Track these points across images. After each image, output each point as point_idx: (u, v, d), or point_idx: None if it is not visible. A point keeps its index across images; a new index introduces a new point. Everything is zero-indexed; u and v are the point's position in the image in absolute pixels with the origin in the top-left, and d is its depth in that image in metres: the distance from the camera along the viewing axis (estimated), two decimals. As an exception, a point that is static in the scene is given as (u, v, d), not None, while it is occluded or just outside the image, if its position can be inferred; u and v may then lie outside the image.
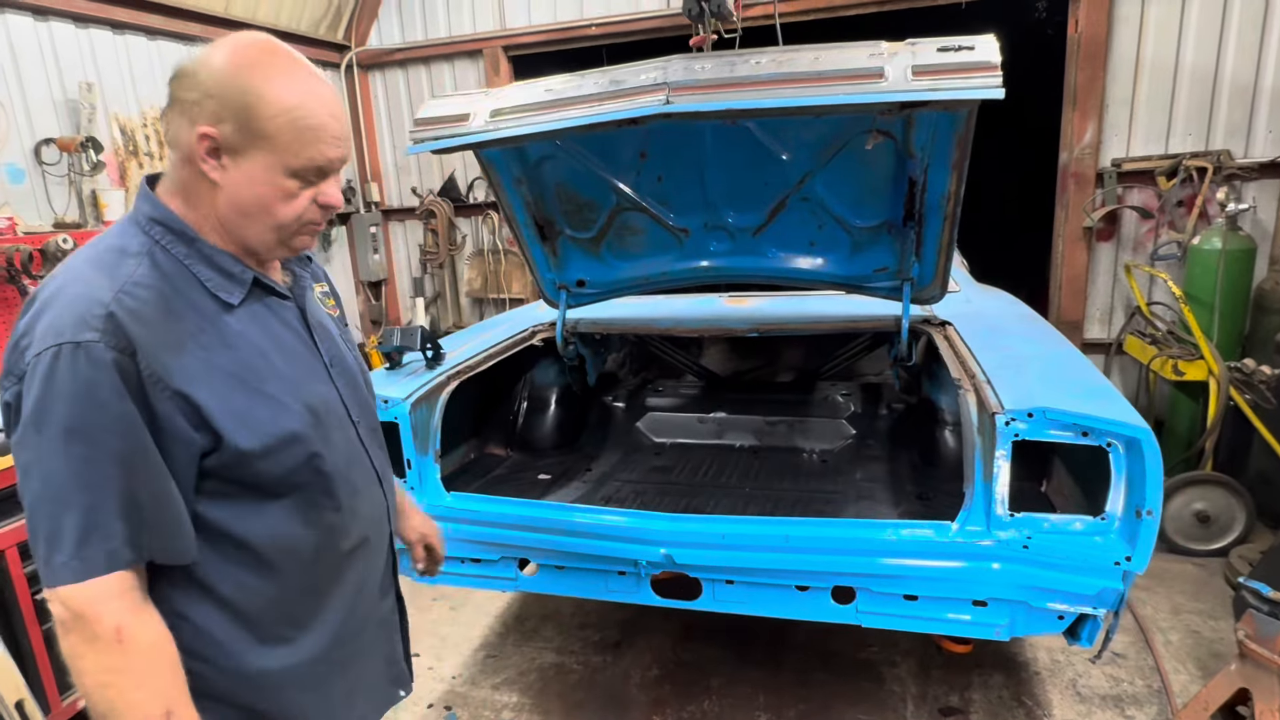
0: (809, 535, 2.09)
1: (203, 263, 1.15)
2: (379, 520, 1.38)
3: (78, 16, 4.31)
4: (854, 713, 2.92)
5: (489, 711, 3.04)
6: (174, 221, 1.14)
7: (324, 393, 1.27)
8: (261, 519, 1.16)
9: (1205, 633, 3.30)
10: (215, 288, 1.15)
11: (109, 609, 1.02)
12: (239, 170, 1.10)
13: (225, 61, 1.09)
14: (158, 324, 1.06)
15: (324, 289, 1.43)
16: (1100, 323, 5.13)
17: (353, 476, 1.29)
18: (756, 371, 4.01)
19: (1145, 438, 1.80)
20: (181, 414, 1.07)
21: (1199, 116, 4.61)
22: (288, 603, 1.22)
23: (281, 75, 1.11)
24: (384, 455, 1.43)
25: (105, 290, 1.05)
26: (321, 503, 1.22)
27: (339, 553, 1.27)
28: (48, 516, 1.02)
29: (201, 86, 1.08)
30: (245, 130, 1.08)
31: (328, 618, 1.27)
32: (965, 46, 1.87)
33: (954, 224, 2.51)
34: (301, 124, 1.10)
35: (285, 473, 1.17)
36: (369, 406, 1.41)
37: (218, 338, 1.13)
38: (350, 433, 1.31)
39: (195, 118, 1.08)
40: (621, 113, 2.03)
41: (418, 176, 6.51)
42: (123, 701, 1.03)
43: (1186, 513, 3.91)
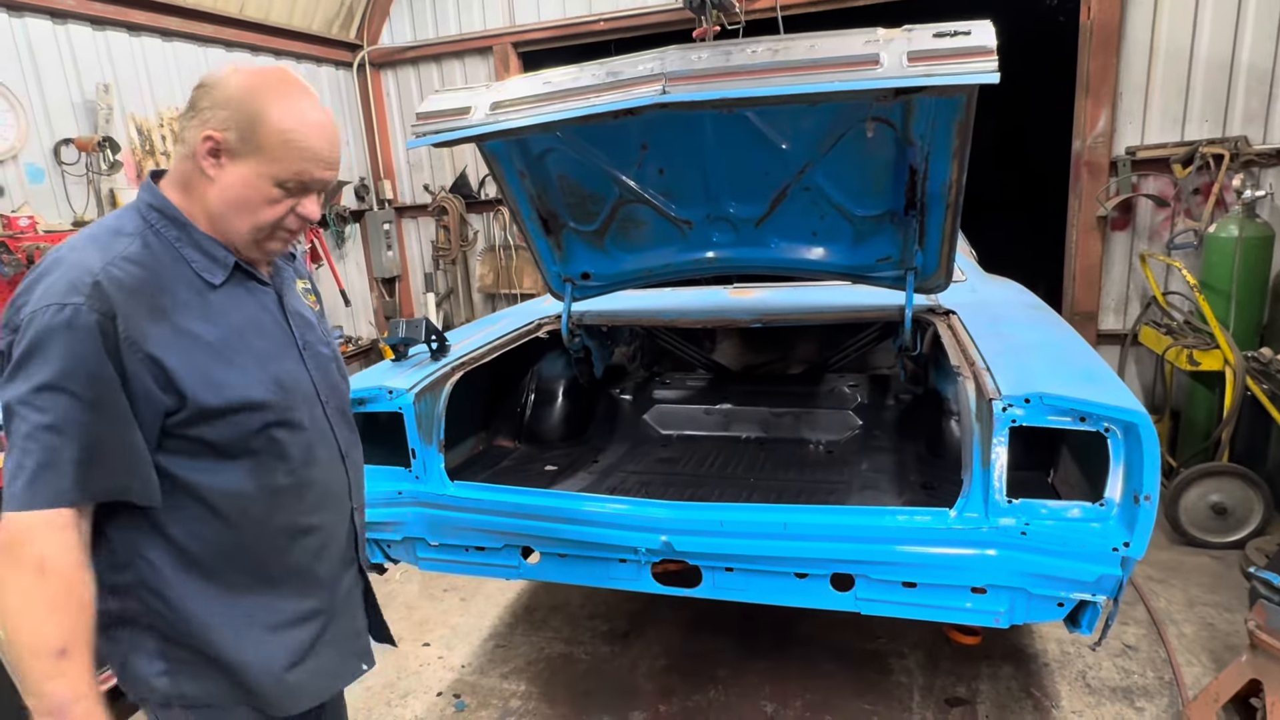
0: (807, 522, 2.09)
1: (191, 246, 1.30)
2: (338, 494, 1.48)
3: (95, 19, 4.40)
4: (859, 703, 2.92)
5: (497, 700, 3.08)
6: (169, 208, 1.30)
7: (293, 370, 1.39)
8: (218, 476, 1.28)
9: (1220, 625, 3.26)
10: (200, 268, 1.30)
11: (39, 539, 1.14)
12: (233, 171, 1.27)
13: (243, 82, 1.26)
14: (140, 294, 1.20)
15: (306, 286, 1.58)
16: (1115, 313, 5.07)
17: (315, 450, 1.41)
18: (764, 363, 4.01)
19: (1142, 422, 1.78)
20: (150, 374, 1.20)
21: (1215, 103, 4.53)
22: (240, 555, 1.33)
23: (287, 102, 1.27)
24: (351, 436, 1.54)
25: (96, 262, 1.19)
26: (275, 467, 1.34)
27: (294, 517, 1.38)
28: (18, 450, 1.15)
29: (217, 98, 1.25)
30: (245, 140, 1.25)
31: (280, 575, 1.38)
32: (961, 32, 1.86)
33: (957, 213, 2.50)
34: (293, 144, 1.27)
35: (244, 436, 1.29)
36: (339, 390, 1.52)
37: (197, 312, 1.27)
38: (317, 410, 1.43)
39: (206, 122, 1.25)
40: (618, 103, 2.04)
41: (430, 174, 6.57)
42: (25, 627, 1.13)
43: (1203, 504, 3.86)
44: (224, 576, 1.32)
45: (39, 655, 1.13)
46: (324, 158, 1.31)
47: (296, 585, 1.40)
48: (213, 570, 1.31)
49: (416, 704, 3.10)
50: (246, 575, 1.34)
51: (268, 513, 1.34)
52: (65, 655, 1.13)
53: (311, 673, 1.43)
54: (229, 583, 1.33)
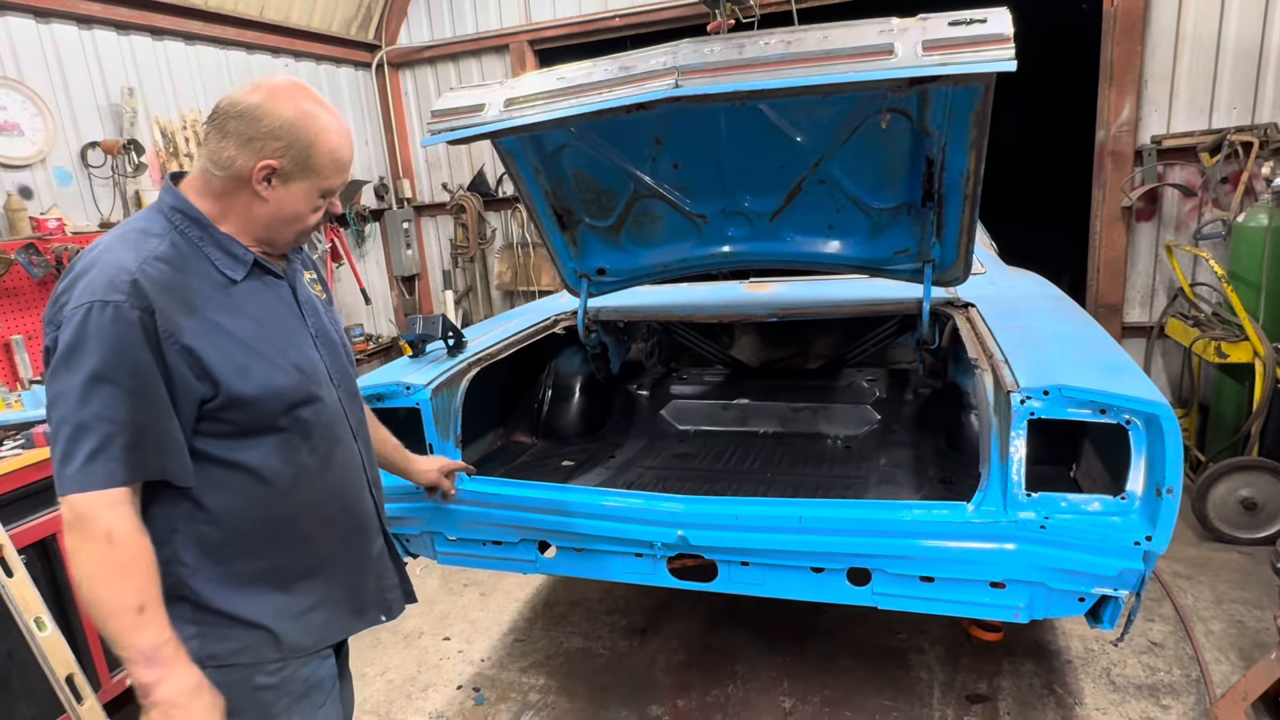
0: (822, 516, 2.08)
1: (213, 245, 1.41)
2: (355, 468, 1.61)
3: (120, 24, 4.48)
4: (879, 699, 2.90)
5: (516, 694, 3.10)
6: (191, 210, 1.40)
7: (310, 355, 1.51)
8: (249, 454, 1.40)
9: (1249, 623, 3.20)
10: (222, 266, 1.41)
11: (103, 515, 1.26)
12: (286, 191, 1.41)
13: (290, 111, 1.37)
14: (173, 291, 1.31)
15: (313, 276, 1.69)
16: (1141, 305, 4.99)
17: (334, 428, 1.53)
18: (781, 358, 3.99)
19: (1164, 414, 1.75)
20: (186, 364, 1.31)
21: (1244, 90, 4.44)
22: (269, 523, 1.44)
23: (330, 124, 1.42)
24: (360, 416, 1.67)
25: (132, 261, 1.30)
26: (300, 445, 1.46)
27: (317, 489, 1.50)
28: (66, 438, 1.25)
29: (268, 128, 1.35)
30: (299, 164, 1.39)
31: (303, 541, 1.49)
32: (977, 20, 1.83)
33: (975, 204, 2.47)
34: (339, 161, 1.44)
35: (271, 417, 1.41)
36: (348, 373, 1.64)
37: (222, 305, 1.38)
38: (331, 392, 1.55)
39: (259, 151, 1.36)
40: (631, 98, 2.04)
41: (448, 172, 6.61)
42: (106, 591, 1.26)
43: (1232, 500, 3.79)
44: (253, 545, 1.43)
45: (122, 614, 1.26)
46: (350, 163, 1.49)
47: (319, 550, 1.52)
48: (243, 539, 1.42)
49: (437, 697, 3.13)
50: (273, 544, 1.45)
51: (293, 485, 1.45)
52: (143, 611, 1.27)
53: (326, 619, 1.54)
54: (257, 551, 1.44)
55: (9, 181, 3.94)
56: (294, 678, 1.49)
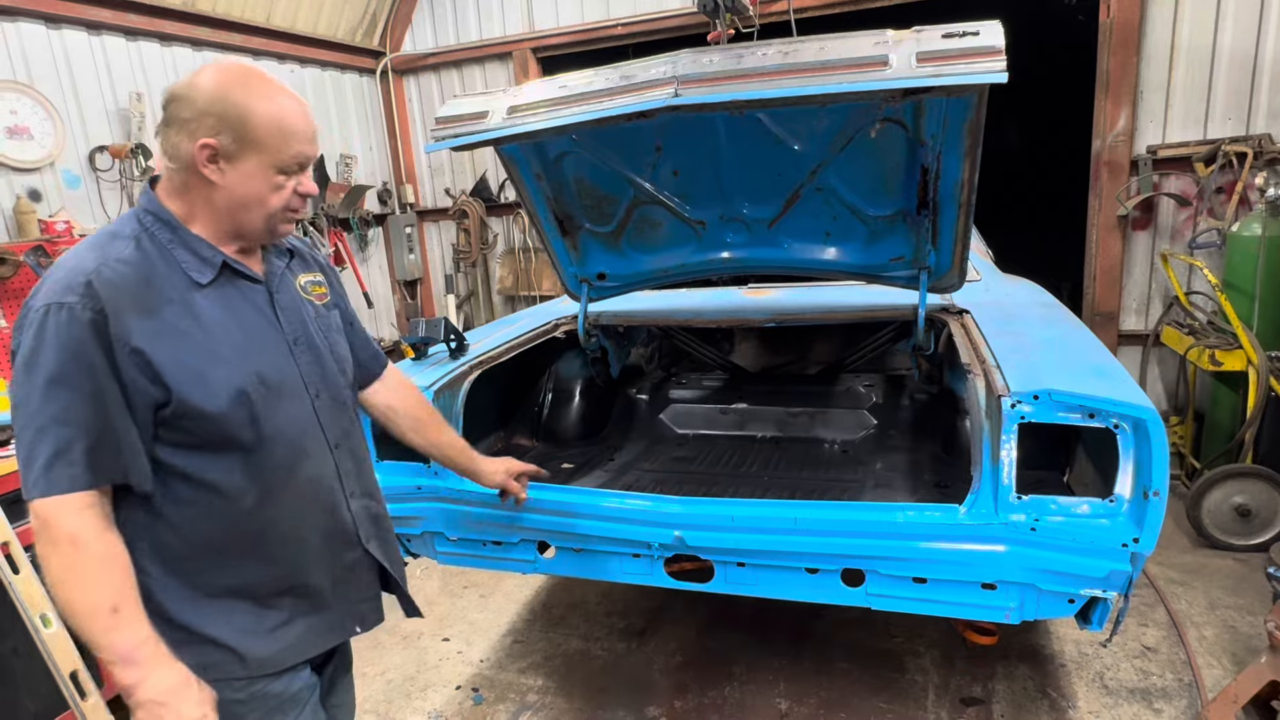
0: (816, 517, 2.11)
1: (181, 247, 1.37)
2: (326, 485, 1.53)
3: (129, 30, 4.53)
4: (874, 701, 2.93)
5: (515, 694, 3.13)
6: (162, 212, 1.38)
7: (279, 364, 1.45)
8: (209, 469, 1.36)
9: (1242, 628, 3.23)
10: (189, 268, 1.37)
11: (67, 520, 1.24)
12: (236, 172, 1.34)
13: (215, 84, 1.32)
14: (129, 293, 1.28)
15: (316, 277, 1.63)
16: (1137, 314, 5.02)
17: (302, 442, 1.47)
18: (779, 363, 4.03)
19: (1150, 418, 1.79)
20: (137, 367, 1.28)
21: (1239, 101, 4.48)
22: (232, 539, 1.40)
23: (263, 92, 1.35)
24: (345, 427, 1.58)
25: (92, 263, 1.29)
26: (262, 461, 1.40)
27: (280, 507, 1.44)
28: (28, 443, 1.25)
29: (198, 107, 1.31)
30: (240, 139, 1.32)
31: (269, 556, 1.44)
32: (970, 32, 1.88)
33: (969, 212, 2.51)
34: (285, 129, 1.36)
35: (230, 428, 1.35)
36: (334, 381, 1.56)
37: (184, 310, 1.34)
38: (304, 404, 1.48)
39: (195, 132, 1.31)
40: (632, 106, 2.08)
41: (451, 177, 6.66)
42: (77, 595, 1.24)
43: (1226, 506, 3.82)
44: (217, 560, 1.40)
45: (95, 615, 1.24)
46: (309, 134, 1.41)
47: (287, 566, 1.46)
48: (205, 554, 1.39)
49: (436, 697, 3.16)
50: (238, 560, 1.41)
51: (258, 502, 1.40)
52: (118, 611, 1.25)
53: (296, 636, 1.49)
54: (220, 566, 1.40)
55: (18, 184, 3.99)
56: (263, 694, 1.45)
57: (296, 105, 1.39)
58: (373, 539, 1.62)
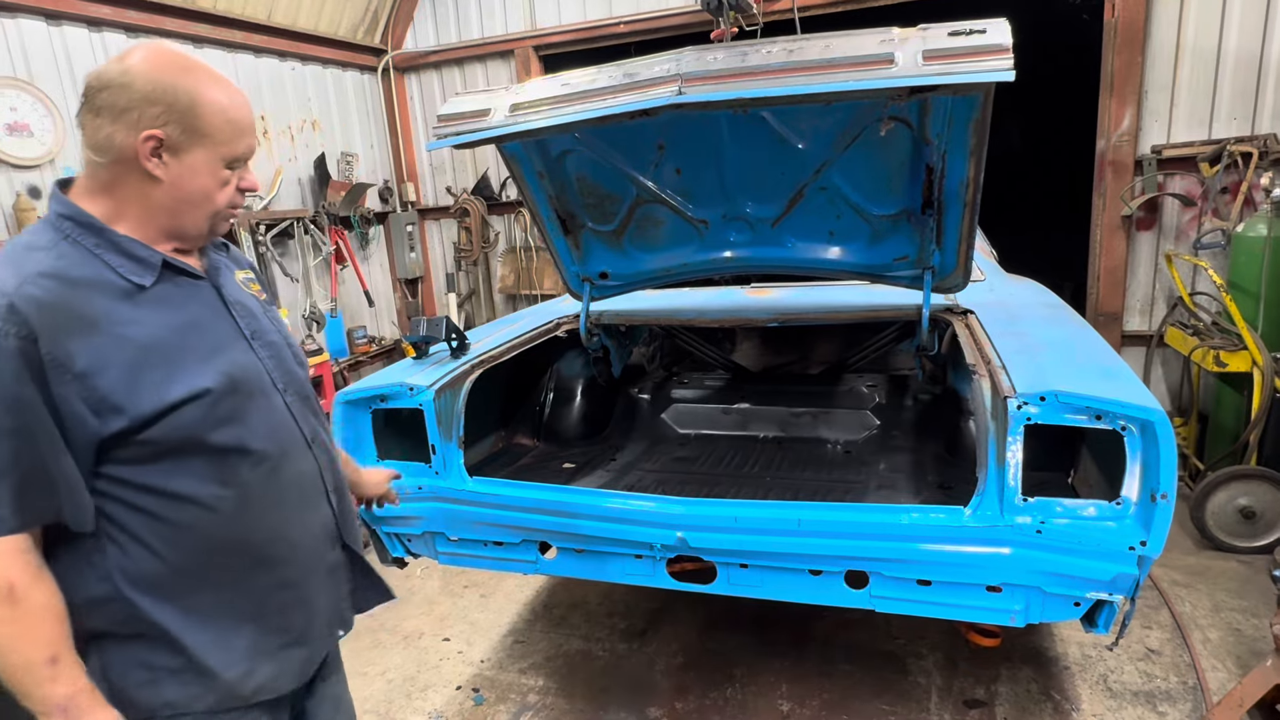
0: (820, 518, 2.10)
1: (112, 250, 1.24)
2: (309, 481, 1.46)
3: (129, 27, 4.51)
4: (877, 703, 2.92)
5: (515, 694, 3.12)
6: (81, 215, 1.24)
7: (243, 360, 1.36)
8: (179, 479, 1.25)
9: (1247, 631, 3.21)
10: (126, 272, 1.24)
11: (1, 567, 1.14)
12: (181, 165, 1.25)
13: (157, 69, 1.22)
14: (63, 310, 1.16)
15: (249, 274, 1.53)
16: (1141, 314, 5.00)
17: (277, 440, 1.38)
18: (782, 363, 4.01)
19: (1159, 420, 1.77)
20: (80, 397, 1.16)
21: (1244, 101, 4.46)
22: (218, 551, 1.31)
23: (209, 80, 1.27)
24: (316, 421, 1.50)
25: (9, 282, 1.14)
26: (238, 463, 1.31)
27: (265, 511, 1.35)
28: None
29: (139, 95, 1.20)
30: (189, 130, 1.24)
31: (260, 567, 1.36)
32: (977, 30, 1.86)
33: (974, 211, 2.49)
34: (233, 120, 1.28)
35: (200, 433, 1.26)
36: (296, 376, 1.48)
37: (129, 316, 1.22)
38: (275, 400, 1.40)
39: (136, 123, 1.20)
40: (635, 104, 2.07)
41: (452, 176, 6.65)
42: (15, 646, 1.15)
43: (1230, 508, 3.81)
44: (198, 578, 1.30)
45: (32, 667, 1.15)
46: (253, 124, 1.34)
47: (272, 578, 1.38)
48: (186, 575, 1.29)
49: (436, 697, 3.14)
50: (220, 574, 1.32)
51: (239, 507, 1.31)
52: (56, 662, 1.16)
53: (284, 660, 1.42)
54: (202, 585, 1.31)
55: (18, 181, 3.98)
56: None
57: (240, 94, 1.31)
58: (348, 536, 1.57)
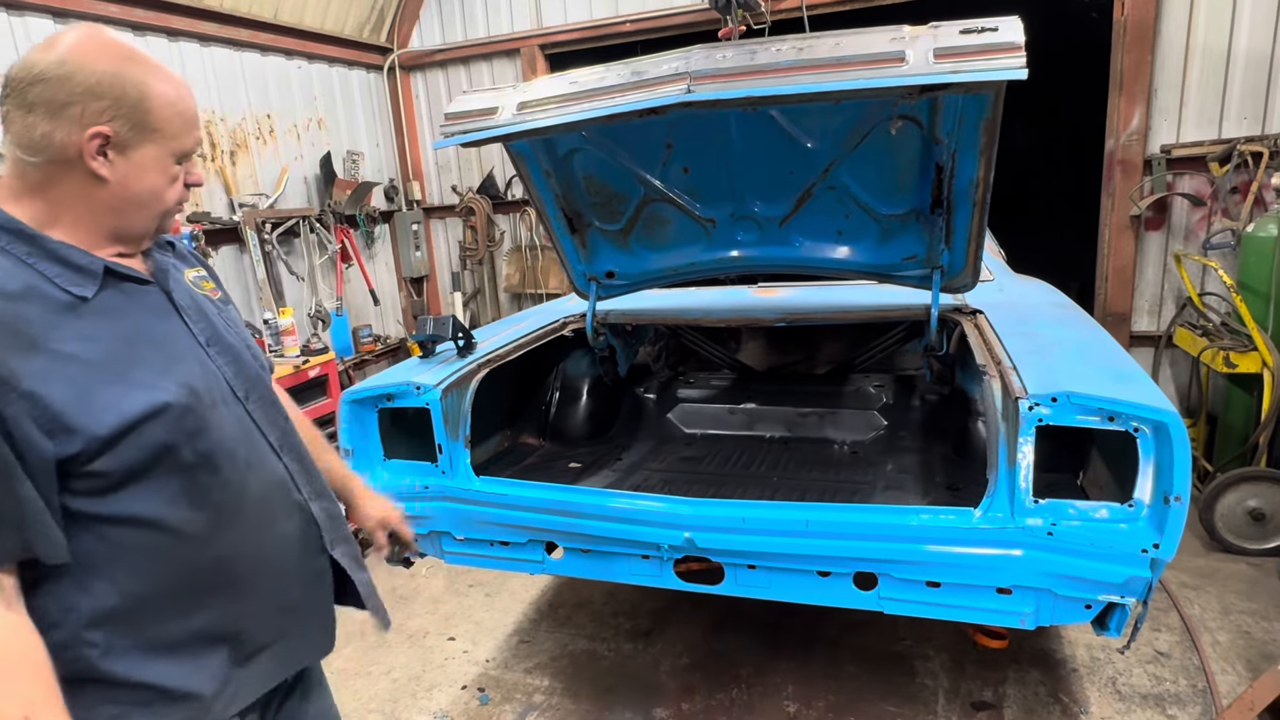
0: (829, 520, 2.09)
1: (47, 259, 1.14)
2: (279, 492, 1.37)
3: (136, 25, 4.52)
4: (884, 705, 2.90)
5: (521, 694, 3.11)
6: (10, 222, 1.14)
7: (200, 371, 1.26)
8: (143, 504, 1.16)
9: (1257, 633, 3.19)
10: (65, 283, 1.14)
11: None
12: (129, 164, 1.16)
13: (100, 59, 1.13)
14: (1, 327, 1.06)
15: (200, 272, 1.43)
16: (1149, 314, 4.97)
17: (243, 452, 1.29)
18: (788, 363, 4.00)
19: (1172, 421, 1.76)
20: (30, 417, 1.06)
21: (1254, 100, 4.43)
22: (189, 577, 1.22)
23: (156, 71, 1.19)
24: (283, 426, 1.41)
25: None
26: (206, 482, 1.22)
27: (235, 530, 1.27)
28: None
29: (79, 87, 1.11)
30: (138, 125, 1.15)
31: (233, 588, 1.28)
32: (989, 28, 1.85)
33: (984, 211, 2.48)
34: (182, 113, 1.21)
35: (161, 455, 1.17)
36: (259, 380, 1.39)
37: (72, 332, 1.12)
38: (237, 409, 1.31)
39: (80, 118, 1.11)
40: (643, 102, 2.06)
41: (458, 175, 6.64)
42: None
43: (1240, 510, 3.78)
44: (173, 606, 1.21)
45: None
46: (198, 117, 1.26)
47: (246, 596, 1.30)
48: (158, 603, 1.20)
49: (441, 696, 3.14)
50: (190, 600, 1.23)
51: (210, 530, 1.23)
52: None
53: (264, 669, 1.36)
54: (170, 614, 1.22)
55: None
56: None
57: (185, 84, 1.23)
58: (337, 543, 1.47)
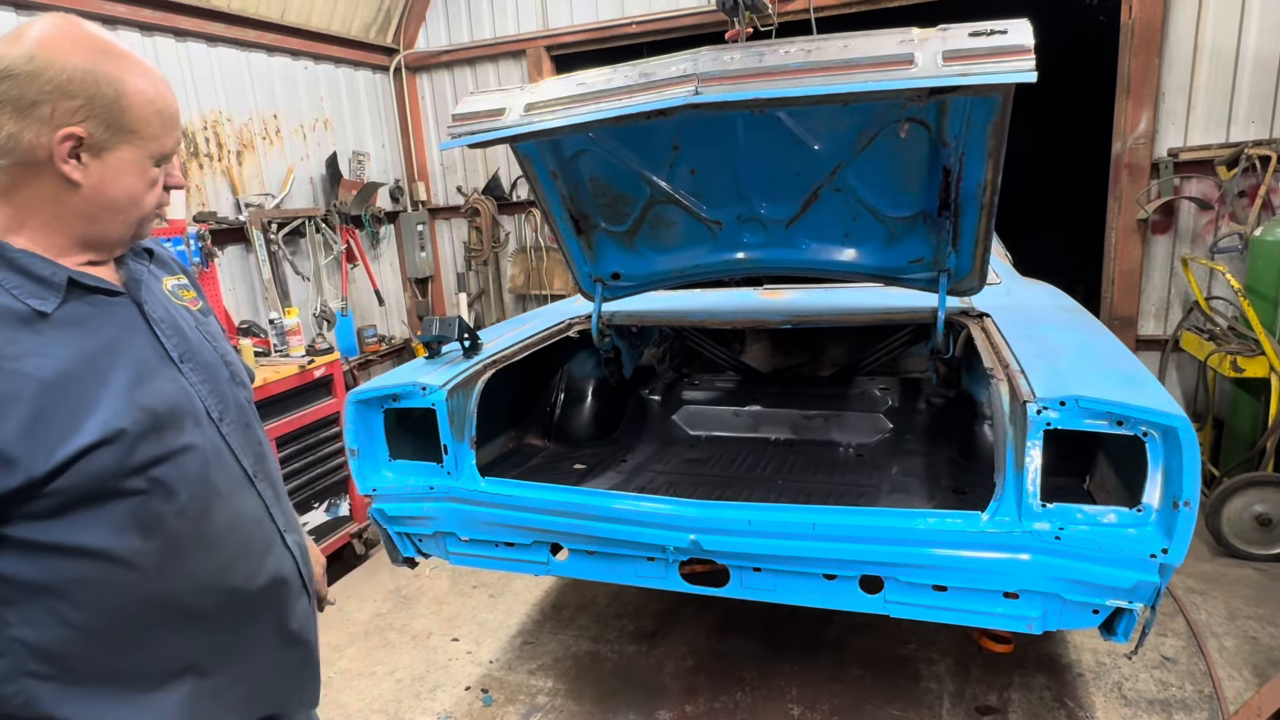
0: (836, 523, 2.08)
1: (6, 268, 1.06)
2: (253, 522, 1.28)
3: (144, 25, 4.53)
4: (889, 709, 2.89)
5: (524, 695, 3.11)
6: None
7: (170, 391, 1.16)
8: (89, 534, 1.06)
9: (1264, 639, 3.18)
10: (24, 295, 1.05)
11: None
12: (105, 167, 1.09)
13: (72, 57, 1.04)
14: None
15: (180, 280, 1.34)
16: (1156, 319, 4.96)
17: (210, 479, 1.19)
18: (794, 365, 3.99)
19: (1182, 426, 1.75)
20: None
21: (1263, 104, 4.42)
22: (142, 611, 1.13)
23: (133, 65, 1.10)
24: (258, 449, 1.32)
25: None
26: (161, 509, 1.12)
27: (195, 558, 1.17)
28: None
29: (49, 84, 1.03)
30: (114, 126, 1.07)
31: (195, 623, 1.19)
32: (998, 31, 1.84)
33: (991, 214, 2.47)
34: (162, 112, 1.13)
35: (113, 482, 1.07)
36: (235, 401, 1.29)
37: (28, 348, 1.03)
38: (210, 431, 1.21)
39: (51, 118, 1.03)
40: (652, 104, 2.06)
41: (463, 175, 6.65)
42: None
43: (1247, 515, 3.77)
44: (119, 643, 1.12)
45: None
46: (179, 116, 1.18)
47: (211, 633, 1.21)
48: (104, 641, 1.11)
49: (445, 697, 3.14)
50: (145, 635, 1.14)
51: (163, 561, 1.13)
52: None
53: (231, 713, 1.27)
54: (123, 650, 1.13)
55: None
56: None
57: (164, 80, 1.15)
58: (310, 579, 1.39)
